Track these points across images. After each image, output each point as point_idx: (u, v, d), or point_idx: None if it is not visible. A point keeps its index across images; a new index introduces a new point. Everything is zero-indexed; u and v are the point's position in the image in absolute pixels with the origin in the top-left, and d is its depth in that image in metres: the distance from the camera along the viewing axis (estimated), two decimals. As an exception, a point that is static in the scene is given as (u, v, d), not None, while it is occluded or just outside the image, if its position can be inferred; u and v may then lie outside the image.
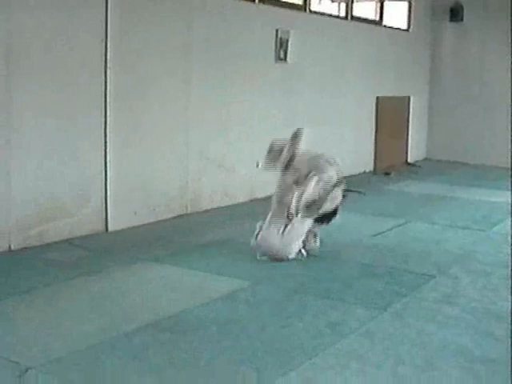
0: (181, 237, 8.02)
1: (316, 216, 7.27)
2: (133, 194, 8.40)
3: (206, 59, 9.24)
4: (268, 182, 10.37)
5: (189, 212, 9.13)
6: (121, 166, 8.15)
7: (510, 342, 5.10)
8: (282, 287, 6.25)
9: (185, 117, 9.03)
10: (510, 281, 6.66)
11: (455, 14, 15.25)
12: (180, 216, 8.98)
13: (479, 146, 15.36)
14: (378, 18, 13.60)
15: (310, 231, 7.33)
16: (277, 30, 10.43)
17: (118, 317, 5.43)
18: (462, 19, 15.24)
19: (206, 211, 9.35)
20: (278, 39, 10.47)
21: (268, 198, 10.19)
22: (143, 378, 4.36)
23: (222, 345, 4.89)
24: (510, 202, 10.67)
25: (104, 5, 7.70)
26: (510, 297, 6.17)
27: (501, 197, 11.26)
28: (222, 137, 9.66)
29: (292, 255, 7.07)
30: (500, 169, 14.50)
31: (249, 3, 10.00)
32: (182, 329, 5.19)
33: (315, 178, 7.32)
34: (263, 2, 10.21)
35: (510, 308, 5.89)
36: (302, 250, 7.18)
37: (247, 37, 9.94)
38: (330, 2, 13.16)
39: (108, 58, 7.80)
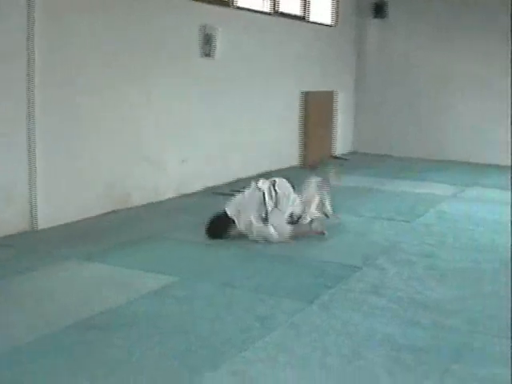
0: (111, 234, 7.97)
1: None
2: (61, 191, 8.29)
3: (134, 55, 9.18)
4: (195, 178, 10.45)
5: (118, 208, 9.06)
6: (48, 164, 8.03)
7: (432, 330, 5.27)
8: (211, 282, 6.28)
9: (112, 113, 8.96)
10: (434, 271, 6.85)
11: (380, 10, 15.50)
12: (110, 213, 8.90)
13: (404, 139, 15.67)
14: (303, 14, 13.71)
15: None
16: (203, 26, 10.42)
17: (47, 316, 5.37)
18: (386, 15, 15.51)
19: (136, 207, 9.30)
20: (205, 35, 10.47)
21: (195, 194, 10.29)
22: (74, 376, 4.33)
23: (153, 341, 4.89)
24: (433, 192, 10.99)
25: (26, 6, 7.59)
26: (434, 286, 6.35)
27: (425, 188, 11.55)
28: (149, 133, 9.62)
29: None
30: (424, 161, 14.84)
31: (175, -2, 10.00)
32: (112, 326, 5.18)
33: None
34: (189, -3, 10.22)
35: (435, 297, 6.06)
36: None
37: (173, 32, 9.90)
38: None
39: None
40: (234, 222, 7.67)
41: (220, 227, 7.71)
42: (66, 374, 4.37)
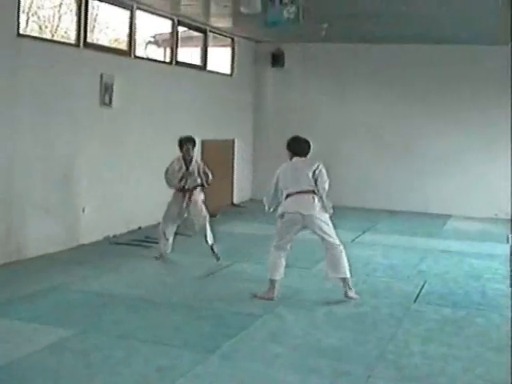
0: (6, 287, 7.72)
1: None
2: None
3: (33, 103, 9.07)
4: (94, 227, 10.31)
5: (13, 260, 8.82)
6: None
7: (331, 377, 5.33)
8: (109, 334, 6.18)
9: (7, 161, 8.78)
10: (333, 317, 6.95)
11: (277, 59, 15.82)
12: (5, 264, 8.66)
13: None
14: (202, 63, 13.86)
15: None
16: (101, 75, 10.40)
17: None
18: (283, 65, 15.84)
19: (32, 259, 9.08)
20: (103, 84, 10.44)
21: (94, 244, 10.13)
22: None
23: (48, 398, 4.78)
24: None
25: None
26: (333, 333, 6.44)
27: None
28: (47, 181, 9.46)
29: None
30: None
31: (73, 48, 9.92)
32: (7, 382, 5.02)
33: None
34: (87, 47, 10.16)
35: (333, 343, 6.14)
36: None
37: (72, 81, 9.83)
38: (156, 47, 13.33)
39: None
40: None
41: None
42: None
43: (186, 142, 9.58)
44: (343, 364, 5.61)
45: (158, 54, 13.06)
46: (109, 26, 11.58)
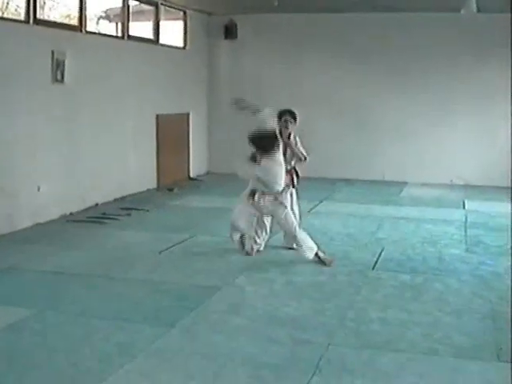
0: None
1: None
2: None
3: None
4: (50, 206, 10.18)
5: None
6: None
7: (291, 346, 5.35)
8: (68, 312, 6.11)
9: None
10: (291, 287, 6.98)
11: (230, 31, 15.71)
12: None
13: (258, 157, 15.87)
14: (154, 37, 13.70)
15: None
16: (52, 51, 10.21)
17: None
18: (236, 36, 15.74)
19: (-13, 239, 8.96)
20: (55, 60, 10.25)
21: (50, 222, 10.01)
22: None
23: (7, 378, 4.69)
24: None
25: None
26: (292, 302, 6.46)
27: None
28: (2, 160, 9.30)
29: None
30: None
31: (23, 24, 9.71)
32: (-38, 365, 4.96)
33: None
34: (38, 24, 9.96)
35: (292, 312, 6.16)
36: None
37: (23, 59, 9.63)
38: (107, 21, 13.14)
39: None
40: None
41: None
42: None
43: (283, 114, 8.83)
44: (303, 333, 5.64)
45: (110, 28, 12.87)
46: (59, 2, 11.36)
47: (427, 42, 14.35)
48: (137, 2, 13.24)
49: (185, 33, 15.04)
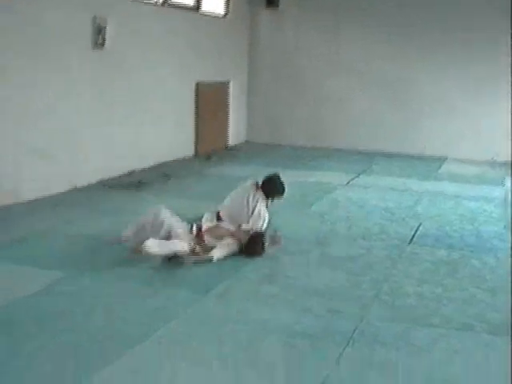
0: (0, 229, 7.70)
1: None
2: None
3: (21, 46, 8.88)
4: (88, 171, 10.25)
5: (8, 203, 8.77)
6: None
7: (325, 316, 5.34)
8: (103, 276, 6.15)
9: (1, 105, 8.64)
10: (326, 258, 6.95)
11: (271, 0, 15.59)
12: (-2, 208, 8.63)
13: (296, 128, 15.83)
14: (195, 5, 13.62)
15: None
16: (94, 17, 10.20)
17: None
18: (277, 5, 15.61)
19: (26, 202, 9.01)
20: (96, 26, 10.25)
21: (88, 187, 10.08)
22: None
23: (43, 339, 4.75)
24: (326, 181, 11.17)
25: None
26: (327, 273, 6.44)
27: (317, 177, 11.71)
28: (41, 126, 9.33)
29: None
30: (316, 149, 15.03)
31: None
32: (2, 325, 4.99)
33: None
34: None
35: (327, 284, 6.14)
36: None
37: (64, 24, 9.64)
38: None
39: None
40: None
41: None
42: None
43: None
44: (338, 304, 5.62)
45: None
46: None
47: (470, 15, 14.09)
48: (179, -31, 13.16)
49: (226, 0, 14.94)
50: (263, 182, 7.75)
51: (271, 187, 7.73)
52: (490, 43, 14.05)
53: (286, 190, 7.83)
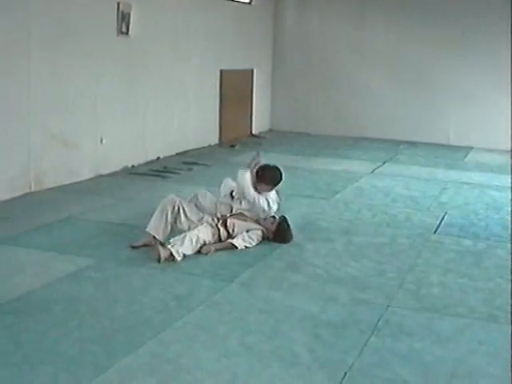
0: (24, 216, 7.74)
1: None
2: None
3: (45, 33, 8.91)
4: (113, 158, 10.28)
5: (32, 191, 8.83)
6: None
7: (350, 305, 5.32)
8: (127, 263, 6.18)
9: (26, 93, 8.68)
10: (352, 247, 6.93)
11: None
12: (23, 195, 8.66)
13: (321, 116, 15.79)
14: (220, -9, 13.61)
15: None
16: (118, 3, 10.21)
17: (-43, 302, 5.21)
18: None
19: (50, 189, 9.07)
20: (120, 12, 10.26)
21: (112, 174, 10.12)
22: (-15, 362, 4.22)
23: (69, 325, 4.79)
24: (351, 169, 11.13)
25: None
26: (352, 262, 6.42)
27: (342, 165, 11.68)
28: (64, 113, 9.38)
29: None
30: (341, 138, 14.99)
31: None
32: (26, 311, 5.04)
33: None
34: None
35: (352, 272, 6.12)
36: None
37: (88, 11, 9.66)
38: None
39: None
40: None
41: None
42: (-22, 361, 4.24)
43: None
44: (363, 293, 5.61)
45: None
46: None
47: (496, 6, 13.94)
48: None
49: (251, -12, 14.91)
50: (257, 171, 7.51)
51: (265, 173, 7.50)
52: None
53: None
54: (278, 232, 6.96)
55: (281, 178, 7.33)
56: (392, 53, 15.05)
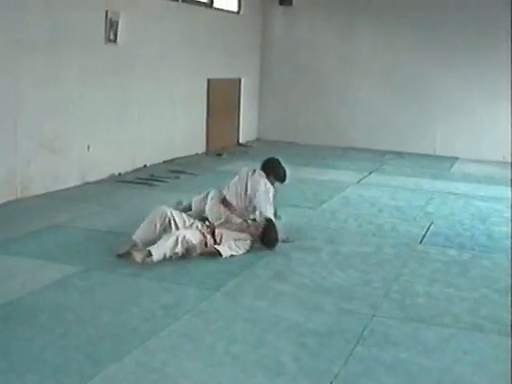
0: (11, 224, 7.70)
1: None
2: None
3: (33, 39, 8.90)
4: (100, 165, 10.27)
5: (19, 198, 8.80)
6: None
7: (335, 315, 5.34)
8: (114, 272, 6.16)
9: (13, 98, 8.66)
10: (338, 256, 6.94)
11: (285, -3, 15.60)
12: (9, 202, 8.63)
13: (309, 126, 15.83)
14: (208, 1, 13.62)
15: None
16: (106, 12, 10.22)
17: None
18: (291, 3, 15.59)
19: (37, 196, 9.05)
20: (108, 20, 10.27)
21: (99, 182, 10.10)
22: (-30, 370, 4.21)
23: (55, 333, 4.77)
24: (338, 179, 11.16)
25: None
26: (338, 272, 6.43)
27: (329, 175, 11.72)
28: (51, 119, 9.37)
29: None
30: (328, 148, 15.02)
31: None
32: (13, 318, 5.02)
33: None
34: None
35: (338, 282, 6.14)
36: None
37: (76, 18, 9.66)
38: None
39: None
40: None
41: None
42: (-38, 369, 4.22)
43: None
44: (348, 303, 5.62)
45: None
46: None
47: (487, 18, 14.03)
48: (193, -35, 13.16)
49: (239, -3, 14.95)
50: (262, 163, 7.69)
51: (270, 166, 7.68)
52: (506, 45, 13.97)
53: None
54: (265, 233, 6.99)
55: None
56: (380, 63, 15.13)
